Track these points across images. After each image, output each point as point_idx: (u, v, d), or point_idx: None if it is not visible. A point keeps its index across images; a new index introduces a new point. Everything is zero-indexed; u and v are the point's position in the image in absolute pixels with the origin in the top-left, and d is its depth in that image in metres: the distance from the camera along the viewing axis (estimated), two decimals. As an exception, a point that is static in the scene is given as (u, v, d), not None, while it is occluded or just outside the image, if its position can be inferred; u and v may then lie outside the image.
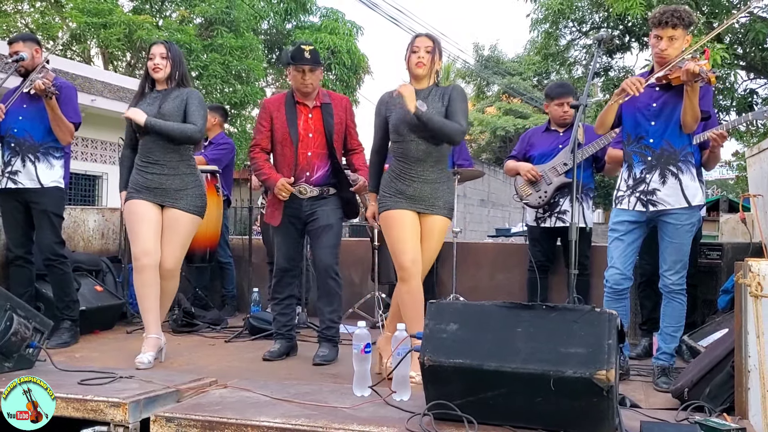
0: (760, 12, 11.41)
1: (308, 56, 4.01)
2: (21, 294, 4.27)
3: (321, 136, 4.09)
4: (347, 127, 4.20)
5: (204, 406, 2.72)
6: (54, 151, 4.40)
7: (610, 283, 3.62)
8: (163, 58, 3.97)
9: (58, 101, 4.24)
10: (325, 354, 4.04)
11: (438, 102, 3.58)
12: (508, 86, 29.35)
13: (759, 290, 2.63)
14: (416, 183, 3.58)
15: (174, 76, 4.00)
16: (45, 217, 4.38)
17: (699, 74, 3.24)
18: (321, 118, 4.10)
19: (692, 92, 3.35)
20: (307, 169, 4.05)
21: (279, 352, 4.12)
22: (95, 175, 13.33)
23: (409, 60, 3.61)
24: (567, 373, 2.29)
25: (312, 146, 4.07)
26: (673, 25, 3.45)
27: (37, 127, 4.36)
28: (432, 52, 3.58)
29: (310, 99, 4.12)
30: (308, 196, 4.05)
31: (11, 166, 4.38)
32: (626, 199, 3.62)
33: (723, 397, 2.87)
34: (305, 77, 4.03)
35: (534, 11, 13.37)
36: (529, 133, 5.14)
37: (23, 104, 4.36)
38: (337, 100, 4.21)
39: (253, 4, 18.51)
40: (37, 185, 4.34)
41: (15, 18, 17.70)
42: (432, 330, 2.55)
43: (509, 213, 23.12)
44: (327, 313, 4.12)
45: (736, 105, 12.10)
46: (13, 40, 4.44)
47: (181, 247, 4.01)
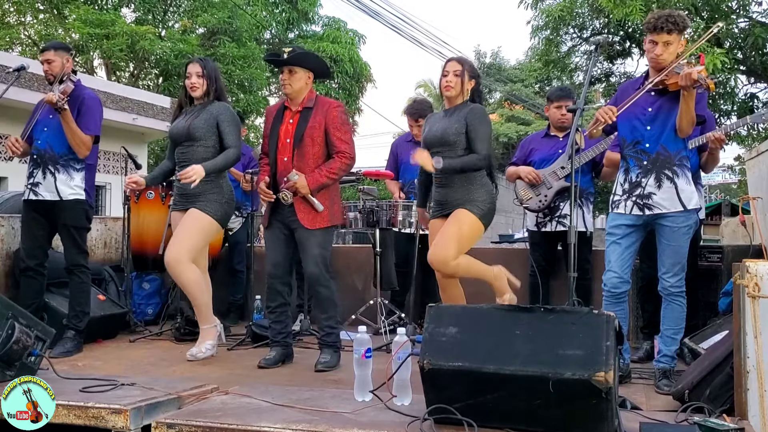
0: (759, 17, 11.43)
1: (286, 57, 3.96)
2: (28, 305, 4.28)
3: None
4: (328, 132, 4.00)
5: (205, 412, 2.72)
6: (74, 163, 4.39)
7: (608, 287, 3.62)
8: (200, 77, 4.25)
9: (78, 112, 4.30)
10: (326, 360, 4.02)
11: (456, 122, 3.91)
12: (510, 93, 29.40)
13: (756, 291, 2.64)
14: (440, 188, 4.01)
15: (210, 92, 4.28)
16: (65, 230, 4.42)
17: (698, 81, 3.25)
18: (296, 123, 4.03)
19: (689, 98, 3.36)
20: (285, 175, 3.96)
21: (275, 360, 4.07)
22: (99, 185, 13.34)
23: (440, 84, 4.00)
24: (566, 375, 2.29)
25: (287, 152, 4.00)
26: (668, 30, 3.46)
27: (58, 139, 4.37)
28: (461, 75, 3.92)
29: (294, 103, 4.06)
30: (289, 202, 3.98)
31: (33, 177, 4.41)
32: (622, 204, 3.63)
33: (723, 398, 2.87)
34: (283, 77, 4.01)
35: (534, 18, 13.43)
36: (529, 139, 5.17)
37: (50, 115, 4.39)
38: (322, 105, 4.05)
39: (255, 14, 18.62)
40: (57, 197, 4.36)
41: (18, 30, 17.82)
42: (431, 333, 2.55)
43: (513, 219, 23.11)
44: (323, 320, 4.12)
45: (737, 109, 12.13)
46: (45, 48, 4.48)
47: (185, 239, 4.11)
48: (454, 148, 3.90)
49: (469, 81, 3.93)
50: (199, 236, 4.16)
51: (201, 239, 4.19)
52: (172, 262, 4.09)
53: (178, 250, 4.10)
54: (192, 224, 4.16)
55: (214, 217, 4.17)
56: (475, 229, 3.92)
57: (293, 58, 3.96)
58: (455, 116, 3.92)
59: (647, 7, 10.16)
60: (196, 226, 4.16)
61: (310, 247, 3.99)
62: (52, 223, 4.45)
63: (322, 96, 4.23)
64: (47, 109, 4.37)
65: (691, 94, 3.35)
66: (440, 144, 3.91)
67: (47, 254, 4.54)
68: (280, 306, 4.13)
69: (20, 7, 17.28)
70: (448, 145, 3.89)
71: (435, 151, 3.90)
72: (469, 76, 3.93)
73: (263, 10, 19.37)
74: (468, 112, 3.90)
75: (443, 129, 3.92)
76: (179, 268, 4.12)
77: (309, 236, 3.98)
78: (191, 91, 4.28)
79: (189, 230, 4.15)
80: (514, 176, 4.91)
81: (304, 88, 4.04)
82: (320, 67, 4.20)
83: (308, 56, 4.13)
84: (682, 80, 3.30)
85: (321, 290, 4.05)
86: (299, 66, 4.00)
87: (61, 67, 4.37)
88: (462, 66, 3.93)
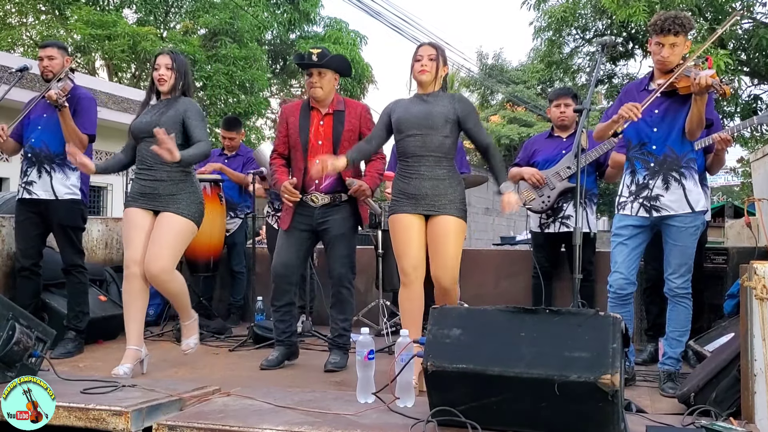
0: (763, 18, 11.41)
1: (315, 58, 3.95)
2: (26, 306, 4.25)
3: (330, 143, 4.01)
4: (362, 135, 4.02)
5: (207, 414, 2.70)
6: (70, 162, 4.31)
7: (614, 288, 3.59)
8: (168, 69, 3.96)
9: (74, 112, 4.26)
10: (336, 361, 4.02)
11: (443, 108, 3.63)
12: (512, 95, 29.37)
13: (764, 293, 2.61)
14: (414, 179, 3.61)
15: (178, 86, 4.00)
16: (61, 230, 4.39)
17: (712, 86, 3.22)
18: (332, 126, 4.03)
19: (701, 102, 3.34)
20: (315, 178, 3.92)
21: (277, 360, 4.06)
22: (100, 185, 13.37)
23: (413, 68, 3.68)
24: (571, 377, 2.27)
25: (321, 153, 3.88)
26: (675, 32, 3.44)
27: (54, 138, 4.34)
28: (435, 59, 3.65)
29: (323, 105, 4.05)
30: (320, 204, 3.98)
31: (27, 176, 4.38)
32: (629, 205, 3.61)
33: (730, 402, 2.85)
34: (312, 80, 3.99)
35: (537, 19, 13.42)
36: (532, 140, 5.14)
37: (44, 113, 4.37)
38: (352, 107, 4.11)
39: (256, 15, 18.60)
40: (52, 197, 4.34)
41: (20, 30, 17.84)
42: (435, 335, 2.53)
43: (514, 221, 23.11)
44: (339, 321, 4.10)
45: (740, 111, 12.10)
46: (47, 44, 4.44)
47: (168, 247, 3.82)
48: (437, 133, 3.61)
49: (443, 67, 3.71)
50: (179, 242, 3.90)
51: (182, 244, 3.95)
52: (160, 274, 3.80)
53: (163, 262, 3.80)
54: (170, 231, 3.86)
55: (191, 219, 3.92)
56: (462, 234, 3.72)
57: (325, 61, 3.96)
58: (437, 102, 3.65)
59: (650, 8, 10.14)
60: (175, 231, 3.87)
61: (341, 248, 4.00)
62: (46, 222, 4.42)
63: (347, 98, 4.24)
64: (41, 107, 4.35)
65: (703, 99, 3.33)
66: (425, 126, 3.59)
67: (42, 254, 4.51)
68: (286, 305, 4.10)
69: (22, 8, 17.29)
70: (432, 128, 3.60)
71: (414, 134, 3.61)
72: (443, 62, 3.72)
73: (265, 11, 19.34)
74: (454, 101, 3.69)
75: (426, 112, 3.62)
76: (166, 278, 3.85)
77: (341, 238, 4.00)
78: (159, 84, 3.99)
79: (168, 237, 3.85)
80: (517, 177, 4.88)
81: (332, 90, 4.05)
82: (346, 68, 4.20)
83: (337, 58, 4.13)
84: (695, 86, 3.27)
85: (344, 291, 4.05)
86: (329, 68, 4.00)
87: (62, 65, 4.35)
88: (436, 51, 3.71)
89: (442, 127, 3.59)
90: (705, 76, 3.23)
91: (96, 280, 5.35)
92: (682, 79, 3.40)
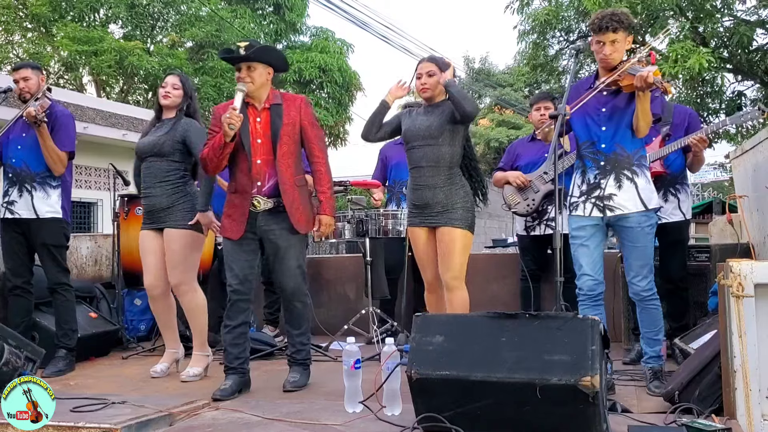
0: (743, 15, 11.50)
1: (242, 52, 3.62)
2: (18, 324, 4.28)
3: (269, 141, 3.69)
4: (303, 128, 3.75)
5: (196, 428, 2.73)
6: (51, 180, 4.38)
7: (585, 290, 3.54)
8: (176, 89, 4.23)
9: (52, 129, 4.29)
10: (296, 379, 3.78)
11: (438, 117, 3.91)
12: (499, 98, 29.49)
13: (740, 291, 2.65)
14: (420, 190, 3.92)
15: (183, 107, 4.24)
16: (44, 249, 4.41)
17: (654, 84, 3.23)
18: (269, 121, 3.70)
19: (645, 98, 3.34)
20: (258, 179, 3.66)
21: (231, 390, 3.57)
22: (90, 201, 13.34)
23: (416, 87, 4.03)
24: (552, 380, 2.31)
25: (260, 153, 3.67)
26: (614, 29, 3.42)
27: (34, 157, 4.36)
28: (435, 74, 3.94)
29: (258, 101, 3.72)
30: (262, 208, 3.65)
31: (8, 196, 4.40)
32: (581, 206, 3.57)
33: (712, 399, 2.88)
34: (241, 75, 3.64)
35: (521, 23, 13.50)
36: (515, 144, 5.18)
37: (23, 133, 4.40)
38: (290, 100, 3.79)
39: (243, 27, 18.64)
40: (34, 216, 4.35)
41: (7, 49, 17.82)
42: (418, 343, 2.57)
43: (506, 224, 23.11)
44: (296, 336, 3.84)
45: (725, 107, 12.19)
46: (21, 66, 4.48)
47: (180, 263, 4.13)
48: (436, 143, 3.88)
49: (445, 74, 3.92)
50: (185, 255, 4.13)
51: (190, 255, 4.16)
52: (179, 286, 4.15)
53: (176, 279, 4.14)
54: (179, 248, 4.11)
55: (193, 228, 4.13)
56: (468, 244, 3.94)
57: (252, 53, 3.63)
58: (439, 112, 3.93)
59: (632, 8, 10.21)
60: (178, 246, 4.11)
61: (290, 260, 3.71)
62: (29, 241, 4.44)
63: (285, 92, 3.96)
64: (20, 127, 4.38)
65: (646, 96, 3.33)
66: (426, 137, 3.90)
67: (32, 272, 4.52)
68: (240, 325, 3.72)
69: (8, 26, 17.28)
70: (432, 138, 3.89)
71: (417, 146, 3.92)
72: (443, 70, 3.95)
73: (251, 22, 19.39)
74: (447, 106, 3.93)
75: (428, 123, 3.92)
76: (185, 289, 4.17)
77: (290, 249, 3.70)
78: (162, 99, 4.21)
79: (173, 256, 4.11)
80: (502, 181, 4.92)
81: (265, 84, 3.72)
82: (280, 62, 3.85)
83: (267, 50, 3.85)
84: (638, 82, 3.26)
85: (298, 305, 3.79)
86: (259, 61, 3.67)
87: (38, 84, 4.39)
88: (435, 64, 3.97)
89: (441, 137, 3.89)
90: (647, 73, 3.22)
91: (86, 297, 5.36)
92: (627, 77, 3.38)
